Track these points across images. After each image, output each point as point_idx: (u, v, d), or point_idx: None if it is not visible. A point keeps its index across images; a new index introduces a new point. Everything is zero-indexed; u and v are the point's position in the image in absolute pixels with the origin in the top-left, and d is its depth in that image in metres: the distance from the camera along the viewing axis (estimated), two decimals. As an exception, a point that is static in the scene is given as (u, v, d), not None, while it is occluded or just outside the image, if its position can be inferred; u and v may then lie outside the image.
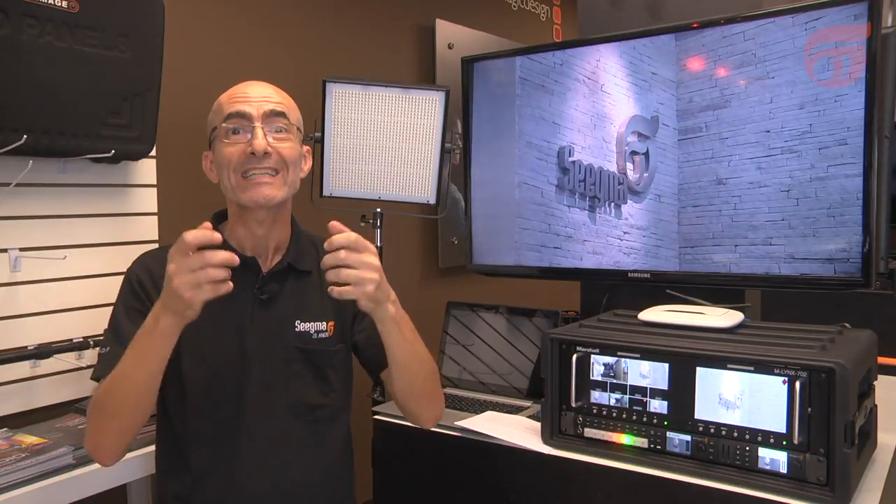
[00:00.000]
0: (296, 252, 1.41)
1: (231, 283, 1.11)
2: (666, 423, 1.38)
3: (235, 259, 1.10)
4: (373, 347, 1.41)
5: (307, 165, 1.43)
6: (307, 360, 1.38)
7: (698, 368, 1.35)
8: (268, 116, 1.31)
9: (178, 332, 1.15)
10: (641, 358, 1.41)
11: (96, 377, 1.29)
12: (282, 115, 1.33)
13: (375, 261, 1.19)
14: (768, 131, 1.66)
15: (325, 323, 1.40)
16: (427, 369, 1.37)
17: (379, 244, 2.33)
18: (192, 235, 1.08)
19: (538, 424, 1.54)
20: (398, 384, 1.36)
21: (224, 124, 1.30)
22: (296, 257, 1.40)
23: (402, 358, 1.30)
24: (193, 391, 1.33)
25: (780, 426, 1.26)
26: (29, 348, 1.75)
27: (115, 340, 1.30)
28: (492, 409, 1.78)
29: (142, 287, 1.33)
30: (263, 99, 1.32)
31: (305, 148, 1.42)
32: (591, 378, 1.47)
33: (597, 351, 1.46)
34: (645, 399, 1.41)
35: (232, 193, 1.32)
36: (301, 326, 1.38)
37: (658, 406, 1.39)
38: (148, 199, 2.05)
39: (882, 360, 1.47)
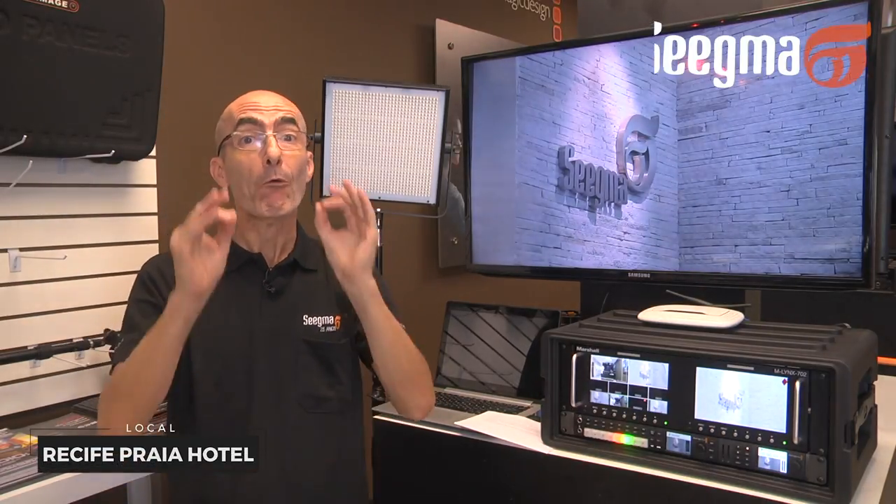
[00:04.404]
0: (302, 251, 1.45)
1: (226, 249, 1.20)
2: (666, 423, 1.38)
3: (224, 195, 1.15)
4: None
5: (310, 170, 1.47)
6: (315, 353, 1.40)
7: (698, 368, 1.34)
8: (279, 124, 1.35)
9: (188, 312, 1.19)
10: (641, 358, 1.41)
11: (112, 363, 1.31)
12: (291, 121, 1.37)
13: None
14: (768, 131, 1.66)
15: (332, 317, 1.42)
16: (413, 355, 1.39)
17: (379, 244, 2.33)
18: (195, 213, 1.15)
19: (538, 424, 1.54)
20: (385, 370, 1.37)
21: (236, 132, 1.34)
22: (302, 255, 1.44)
23: (385, 338, 1.33)
24: (203, 386, 1.35)
25: (780, 426, 1.26)
26: (29, 348, 1.75)
27: (130, 331, 1.33)
28: (492, 409, 1.78)
29: (153, 283, 1.37)
30: (274, 108, 1.37)
31: (308, 153, 1.46)
32: (591, 378, 1.47)
33: (597, 351, 1.46)
34: (645, 399, 1.41)
35: (248, 203, 1.36)
36: (309, 321, 1.40)
37: (658, 406, 1.39)
38: (148, 199, 2.05)
39: (882, 360, 1.46)
